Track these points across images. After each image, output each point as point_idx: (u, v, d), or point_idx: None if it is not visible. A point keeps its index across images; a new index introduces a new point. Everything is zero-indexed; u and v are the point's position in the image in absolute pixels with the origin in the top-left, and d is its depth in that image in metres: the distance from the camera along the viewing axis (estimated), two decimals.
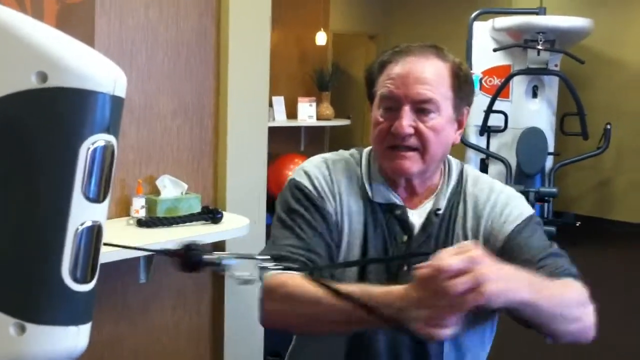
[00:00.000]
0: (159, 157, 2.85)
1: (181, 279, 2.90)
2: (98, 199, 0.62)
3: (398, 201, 1.33)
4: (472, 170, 1.41)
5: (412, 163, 1.27)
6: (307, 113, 6.55)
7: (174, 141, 2.89)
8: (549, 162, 6.54)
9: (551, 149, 6.54)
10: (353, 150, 1.42)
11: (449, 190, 1.34)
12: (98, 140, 0.62)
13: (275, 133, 3.84)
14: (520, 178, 6.38)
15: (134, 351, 2.78)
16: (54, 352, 0.62)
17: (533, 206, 5.99)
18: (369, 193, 1.33)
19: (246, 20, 3.02)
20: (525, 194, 6.00)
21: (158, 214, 2.71)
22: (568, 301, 1.14)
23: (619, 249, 6.27)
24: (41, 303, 0.61)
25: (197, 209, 2.82)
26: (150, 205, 2.73)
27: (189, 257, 0.86)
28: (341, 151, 1.42)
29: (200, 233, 2.62)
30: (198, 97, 2.95)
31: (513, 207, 1.30)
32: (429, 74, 1.25)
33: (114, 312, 2.70)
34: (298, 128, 6.69)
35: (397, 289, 1.02)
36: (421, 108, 1.25)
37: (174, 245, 0.88)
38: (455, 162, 1.39)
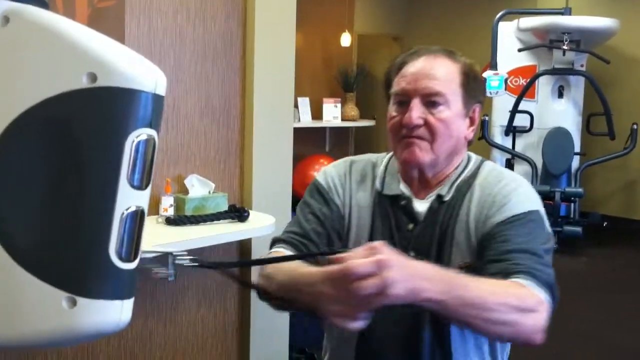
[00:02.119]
0: (186, 157, 2.92)
1: (207, 277, 2.96)
2: (141, 186, 0.69)
3: (406, 192, 1.40)
4: (493, 165, 1.44)
5: (422, 152, 1.34)
6: (332, 114, 6.58)
7: (202, 142, 2.96)
8: (575, 162, 6.52)
9: (577, 149, 6.52)
10: (382, 153, 1.52)
11: (459, 179, 1.38)
12: (141, 134, 0.68)
13: (300, 134, 3.87)
14: (546, 178, 6.36)
15: (162, 346, 2.85)
16: (101, 324, 0.68)
17: (559, 207, 6.02)
18: (381, 188, 1.43)
19: (272, 22, 3.07)
20: (552, 194, 6.00)
21: (186, 213, 2.77)
22: (493, 304, 1.07)
23: None
24: (91, 279, 0.68)
25: (224, 207, 2.88)
26: (179, 204, 2.80)
27: None
28: (371, 154, 1.54)
29: (227, 231, 2.68)
30: (225, 98, 3.01)
31: (512, 200, 1.31)
32: (438, 71, 1.34)
33: (143, 309, 2.77)
34: (323, 129, 6.73)
35: (317, 271, 1.08)
36: (430, 101, 1.33)
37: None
38: (475, 157, 1.44)
